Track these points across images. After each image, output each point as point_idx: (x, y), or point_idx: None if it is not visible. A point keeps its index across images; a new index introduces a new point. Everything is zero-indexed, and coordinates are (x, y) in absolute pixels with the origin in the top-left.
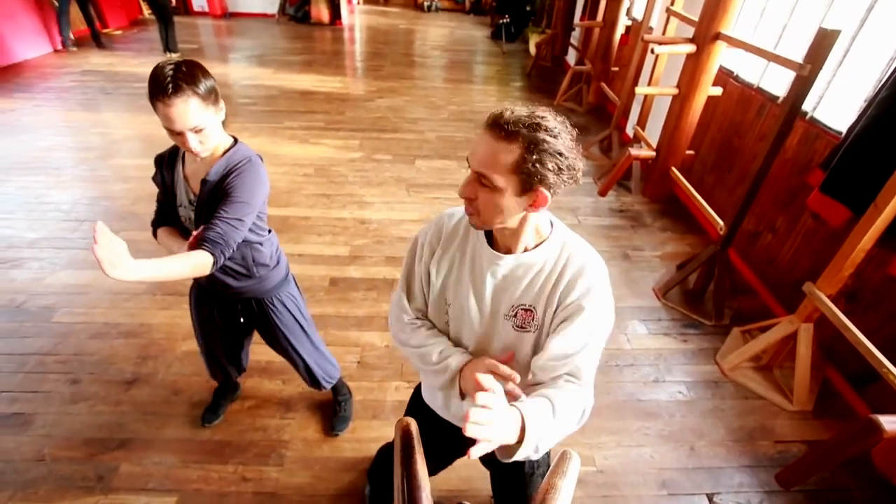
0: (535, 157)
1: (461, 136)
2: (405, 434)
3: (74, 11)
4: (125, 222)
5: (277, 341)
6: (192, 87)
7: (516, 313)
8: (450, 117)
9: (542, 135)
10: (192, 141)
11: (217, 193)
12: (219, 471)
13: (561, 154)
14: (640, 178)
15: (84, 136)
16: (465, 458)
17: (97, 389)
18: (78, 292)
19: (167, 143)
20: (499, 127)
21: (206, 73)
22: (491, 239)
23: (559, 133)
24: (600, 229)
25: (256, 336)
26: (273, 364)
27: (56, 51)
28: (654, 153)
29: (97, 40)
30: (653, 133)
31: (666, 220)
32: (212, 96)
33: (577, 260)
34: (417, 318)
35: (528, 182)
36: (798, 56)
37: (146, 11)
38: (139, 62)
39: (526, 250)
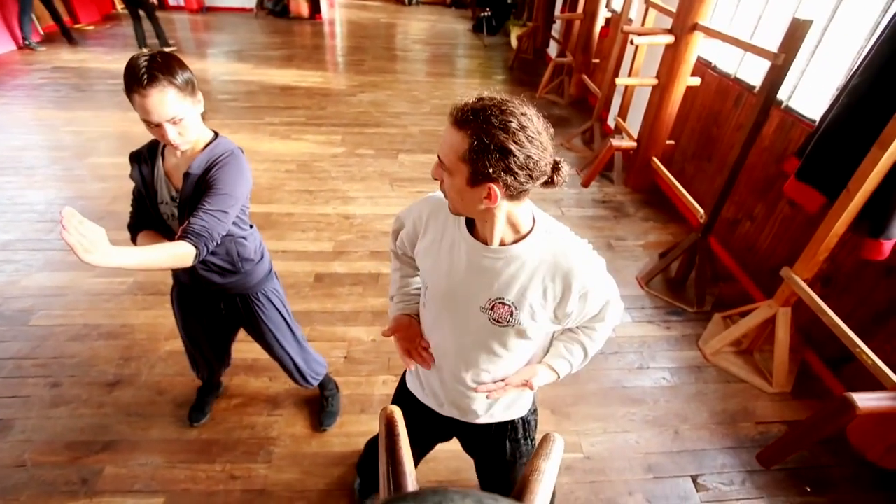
0: (480, 149)
1: (444, 130)
2: (389, 422)
3: (40, 8)
4: (103, 222)
5: (263, 337)
6: (168, 76)
7: (493, 307)
8: (432, 111)
9: (490, 128)
10: (171, 132)
11: (201, 186)
12: (206, 470)
13: (509, 152)
14: (622, 168)
15: (57, 134)
16: (447, 443)
17: (79, 392)
18: (56, 294)
19: (145, 140)
20: (454, 114)
21: (182, 65)
22: (472, 226)
23: (515, 129)
24: (584, 220)
25: (241, 334)
26: (259, 361)
27: (20, 48)
28: (635, 144)
29: (67, 36)
30: (634, 124)
31: (648, 210)
32: (189, 87)
33: (565, 261)
34: (397, 253)
35: (478, 175)
36: (773, 46)
37: (119, 6)
38: (113, 58)
39: (503, 244)
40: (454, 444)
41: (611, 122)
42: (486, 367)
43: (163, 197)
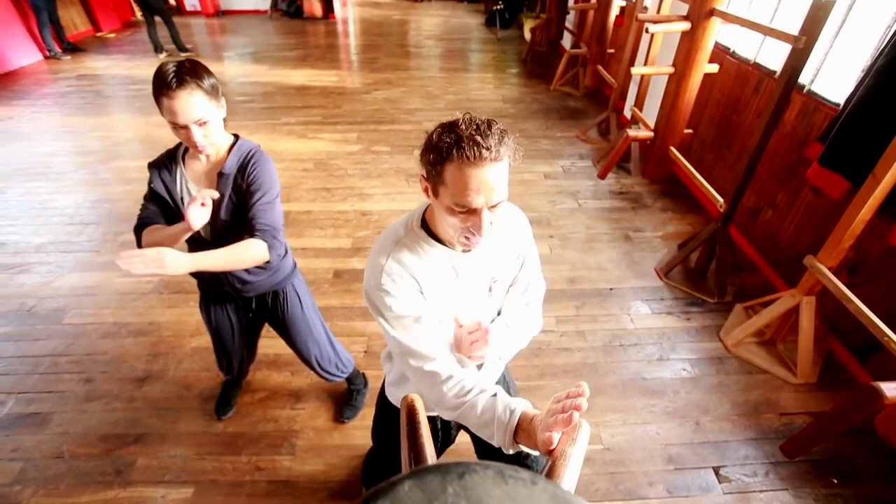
0: (512, 149)
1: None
2: (410, 410)
3: (66, 18)
4: (128, 224)
5: (286, 332)
6: (195, 80)
7: (491, 287)
8: (447, 107)
9: (507, 137)
10: (197, 134)
11: (238, 186)
12: (233, 461)
13: (506, 132)
14: (639, 159)
15: (83, 139)
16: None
17: (111, 387)
18: (86, 294)
19: (167, 143)
20: (489, 157)
21: (208, 71)
22: (436, 239)
23: (500, 125)
24: (601, 212)
25: (264, 329)
26: (281, 356)
27: (46, 58)
28: (652, 133)
29: (67, 46)
30: (650, 114)
31: (666, 201)
32: (214, 92)
33: (507, 219)
34: (451, 378)
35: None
36: (793, 29)
37: (138, 13)
38: (134, 64)
39: None
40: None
41: (627, 113)
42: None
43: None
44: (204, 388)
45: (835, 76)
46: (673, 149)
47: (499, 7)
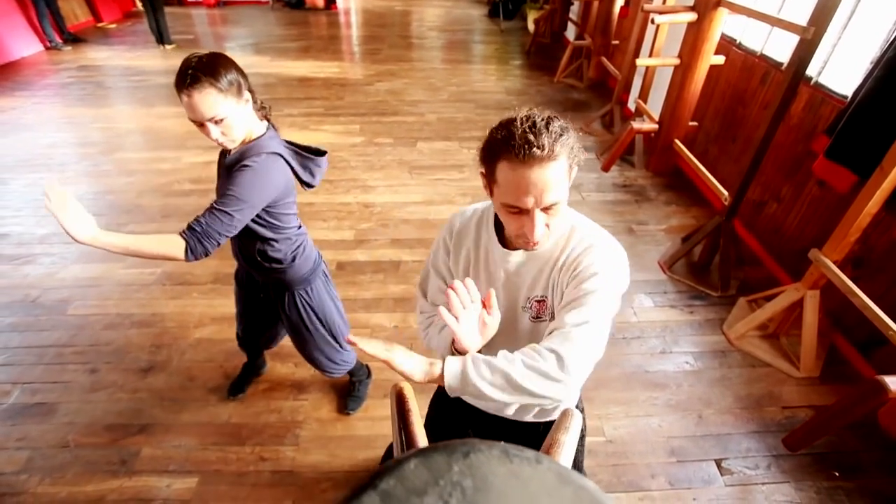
0: (572, 154)
1: (462, 117)
2: (399, 398)
3: (66, 9)
4: (131, 215)
5: (289, 332)
6: (209, 78)
7: (531, 305)
8: (450, 98)
9: (566, 133)
10: (214, 131)
11: (228, 176)
12: (237, 452)
13: (568, 129)
14: (643, 152)
15: (85, 131)
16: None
17: (115, 378)
18: (90, 285)
19: (169, 135)
20: (542, 156)
21: (228, 66)
22: (501, 234)
23: (561, 121)
24: (604, 205)
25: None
26: (284, 348)
27: (47, 48)
28: (656, 126)
29: (66, 37)
30: (655, 106)
31: (670, 194)
32: (233, 87)
33: (584, 240)
34: (431, 314)
35: (572, 167)
36: (802, 19)
37: (138, 3)
38: (135, 55)
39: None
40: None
41: (631, 105)
42: None
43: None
44: (207, 378)
45: (843, 68)
46: (677, 141)
47: None
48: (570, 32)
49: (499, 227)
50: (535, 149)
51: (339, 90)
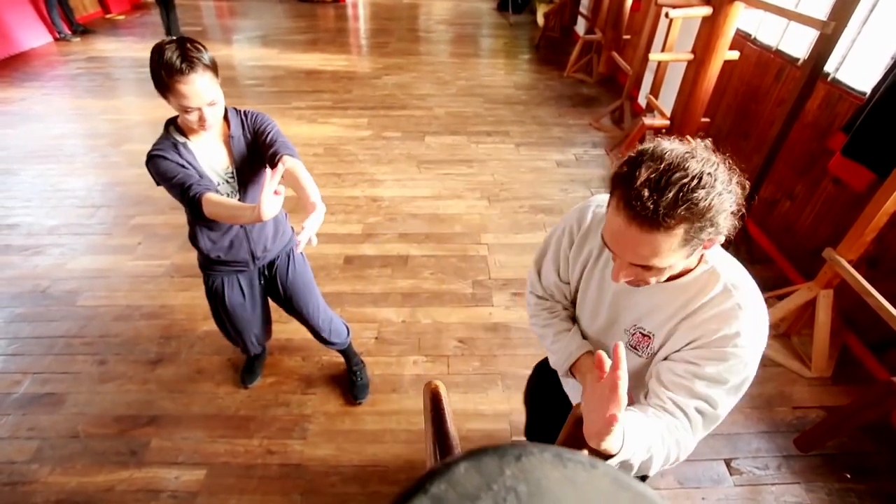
0: (700, 225)
1: (470, 111)
2: (434, 396)
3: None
4: (140, 207)
5: (297, 296)
6: (202, 61)
7: (634, 333)
8: (458, 92)
9: (702, 203)
10: (209, 115)
11: (248, 141)
12: (245, 445)
13: (722, 207)
14: None
15: (94, 122)
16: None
17: (124, 369)
18: (99, 276)
19: None
20: (647, 218)
21: (204, 47)
22: None
23: (714, 182)
24: None
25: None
26: (292, 342)
27: (56, 40)
28: (668, 122)
29: (75, 28)
30: (666, 101)
31: None
32: (216, 68)
33: (728, 299)
34: (543, 299)
35: (699, 244)
36: (821, 14)
37: None
38: (144, 46)
39: (668, 279)
40: None
41: (642, 101)
42: None
43: (215, 181)
44: (215, 371)
45: (862, 64)
46: (689, 138)
47: None
48: (581, 27)
49: None
50: (639, 209)
51: (346, 83)
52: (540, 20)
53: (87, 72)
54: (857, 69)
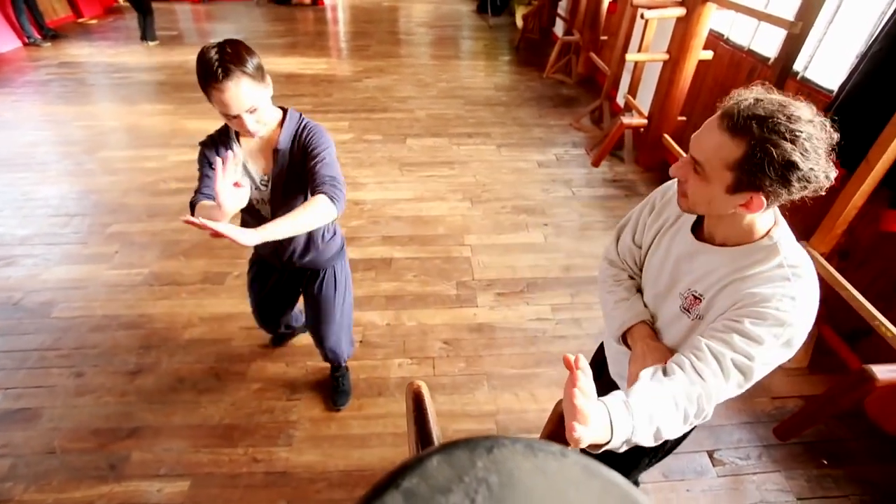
0: (757, 160)
1: (451, 113)
2: (416, 396)
3: (45, 3)
4: (116, 215)
5: (317, 312)
6: (240, 67)
7: (687, 296)
8: (439, 94)
9: (776, 137)
10: (250, 122)
11: (294, 157)
12: (229, 454)
13: (793, 164)
14: (632, 147)
15: (67, 129)
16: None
17: (102, 381)
18: (74, 287)
19: (154, 133)
20: (730, 117)
21: (250, 51)
22: (698, 221)
23: (803, 139)
24: (595, 200)
25: (250, 322)
26: (276, 347)
27: (25, 45)
28: (645, 121)
29: (45, 32)
30: (644, 101)
31: None
32: (259, 73)
33: (783, 268)
34: (613, 265)
35: (744, 183)
36: (789, 14)
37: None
38: (117, 51)
39: (725, 244)
40: None
41: (620, 101)
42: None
43: (251, 184)
44: (198, 380)
45: (829, 63)
46: (666, 136)
47: None
48: (559, 28)
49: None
50: (730, 108)
51: (327, 87)
52: (519, 22)
53: (59, 77)
54: (824, 68)
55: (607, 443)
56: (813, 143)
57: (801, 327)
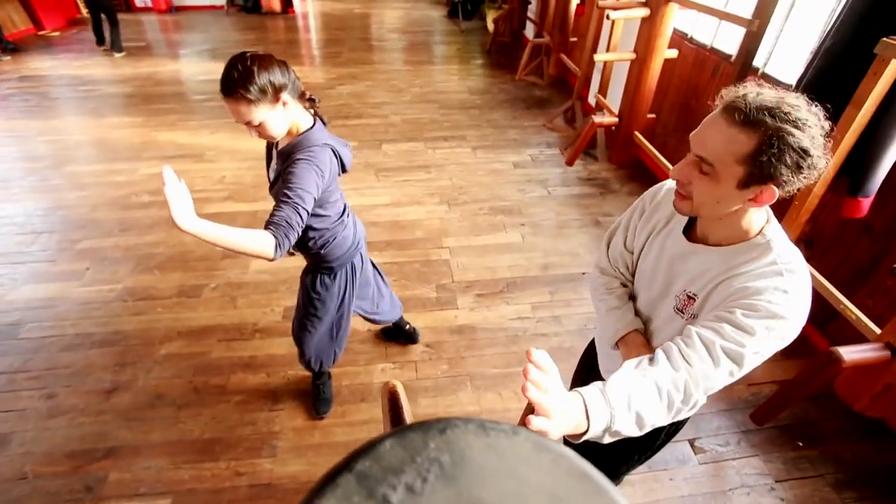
0: (774, 150)
1: (426, 118)
2: (392, 396)
3: (3, 15)
4: (86, 230)
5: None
6: (240, 90)
7: (682, 297)
8: (413, 99)
9: (789, 126)
10: (253, 132)
11: (283, 167)
12: (211, 468)
13: (805, 151)
14: (605, 145)
15: (31, 144)
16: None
17: (76, 401)
18: (44, 306)
19: (123, 146)
20: (738, 111)
21: (265, 71)
22: (690, 222)
23: (810, 126)
24: (570, 198)
25: (229, 334)
26: (256, 358)
27: None
28: (616, 119)
29: (4, 46)
30: (614, 100)
31: (633, 185)
32: (263, 94)
33: (776, 263)
34: (604, 273)
35: (756, 176)
36: (747, 12)
37: (84, 11)
38: (82, 63)
39: (720, 245)
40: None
41: (591, 100)
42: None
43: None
44: (176, 395)
45: (787, 58)
46: (637, 134)
47: None
48: (530, 31)
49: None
50: (736, 102)
51: None
52: (490, 26)
53: (21, 92)
54: (783, 63)
55: (585, 432)
56: (816, 131)
57: (794, 321)
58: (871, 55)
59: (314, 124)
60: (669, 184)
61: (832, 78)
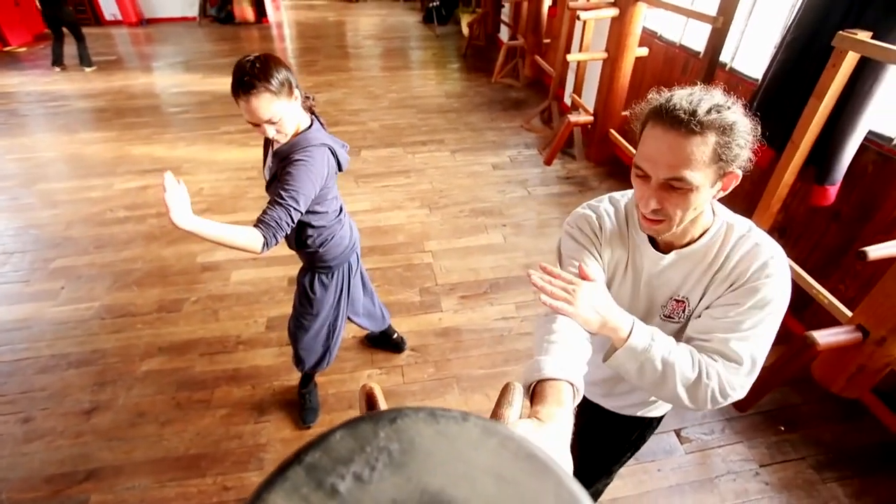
0: (728, 138)
1: (404, 123)
2: (369, 398)
3: None
4: (60, 249)
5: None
6: (264, 83)
7: (669, 304)
8: (391, 105)
9: (726, 112)
10: (270, 131)
11: (279, 167)
12: (197, 485)
13: (745, 125)
14: (581, 144)
15: None
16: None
17: (53, 424)
18: (17, 328)
19: (96, 161)
20: (683, 122)
21: (279, 67)
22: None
23: (729, 103)
24: (550, 197)
25: (212, 347)
26: (240, 371)
27: None
28: (592, 118)
29: None
30: (589, 99)
31: (611, 182)
32: (284, 87)
33: (749, 246)
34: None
35: (724, 167)
36: (712, 10)
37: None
38: (51, 79)
39: (690, 243)
40: None
41: (567, 100)
42: None
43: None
44: (159, 412)
45: (752, 53)
46: (613, 131)
47: (435, 4)
48: (504, 34)
49: None
50: (678, 115)
51: None
52: (465, 30)
53: None
54: (748, 58)
55: (627, 337)
56: (732, 103)
57: (787, 283)
58: (830, 48)
59: (312, 124)
60: (595, 208)
61: (795, 70)
